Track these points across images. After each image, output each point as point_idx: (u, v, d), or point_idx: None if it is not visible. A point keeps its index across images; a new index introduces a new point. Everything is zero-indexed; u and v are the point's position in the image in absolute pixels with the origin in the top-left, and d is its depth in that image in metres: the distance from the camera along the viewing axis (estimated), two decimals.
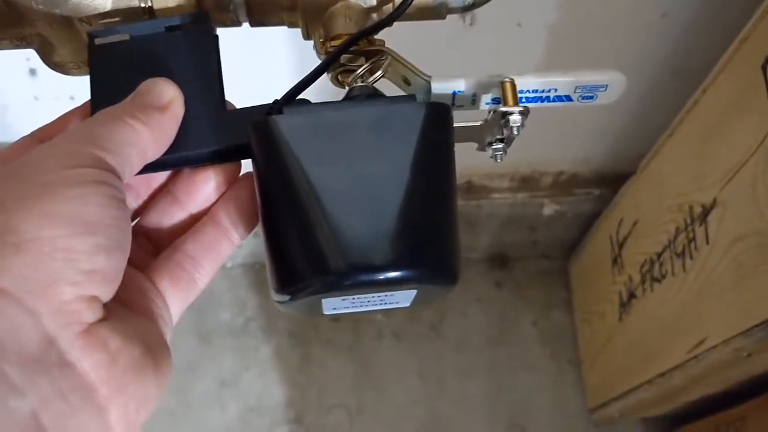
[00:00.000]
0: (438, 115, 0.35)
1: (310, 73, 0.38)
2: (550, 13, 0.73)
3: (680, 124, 0.80)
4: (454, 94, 0.46)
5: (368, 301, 0.33)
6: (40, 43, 0.50)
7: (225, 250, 0.34)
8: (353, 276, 0.30)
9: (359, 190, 0.31)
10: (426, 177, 0.32)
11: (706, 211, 0.73)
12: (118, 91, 0.33)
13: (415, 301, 0.34)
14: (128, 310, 0.30)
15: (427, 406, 1.21)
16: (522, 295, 1.29)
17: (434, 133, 0.34)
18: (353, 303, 0.32)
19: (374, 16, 0.48)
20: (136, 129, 0.30)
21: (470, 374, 1.23)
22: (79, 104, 0.89)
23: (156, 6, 0.45)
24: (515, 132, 0.39)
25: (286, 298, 0.31)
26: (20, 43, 0.50)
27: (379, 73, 0.40)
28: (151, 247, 0.35)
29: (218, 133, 0.34)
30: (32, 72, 0.80)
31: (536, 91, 0.45)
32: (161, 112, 0.32)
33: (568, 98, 0.46)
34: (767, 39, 0.63)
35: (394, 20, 0.48)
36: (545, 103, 0.46)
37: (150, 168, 0.32)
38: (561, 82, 0.45)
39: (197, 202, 0.35)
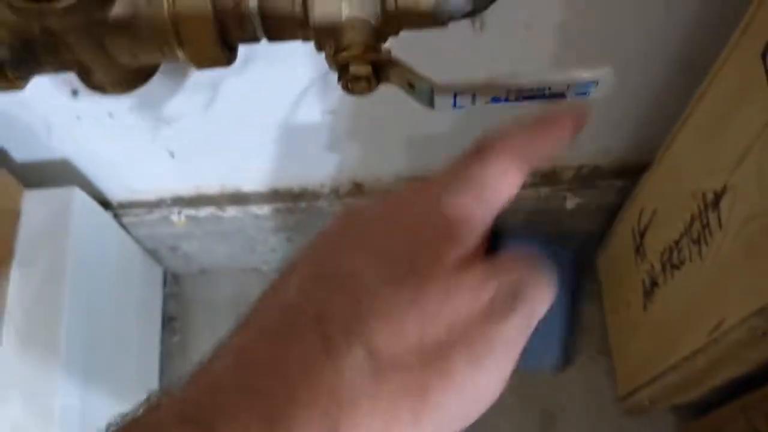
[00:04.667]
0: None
1: None
2: (558, 14, 0.75)
3: (691, 114, 0.82)
4: (455, 95, 0.49)
5: None
6: (79, 67, 0.55)
7: None
8: None
9: None
10: None
11: (718, 197, 0.75)
12: None
13: None
14: None
15: None
16: None
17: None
18: None
19: (380, 26, 0.52)
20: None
21: None
22: (118, 120, 0.93)
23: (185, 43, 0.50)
24: None
25: None
26: (62, 67, 0.55)
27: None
28: None
29: None
30: (74, 93, 0.85)
31: (532, 89, 0.49)
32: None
33: (563, 95, 0.50)
34: (765, 27, 0.65)
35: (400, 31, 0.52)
36: (542, 101, 0.50)
37: None
38: (552, 81, 0.48)
39: None
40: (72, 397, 0.91)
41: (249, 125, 0.94)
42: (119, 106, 0.89)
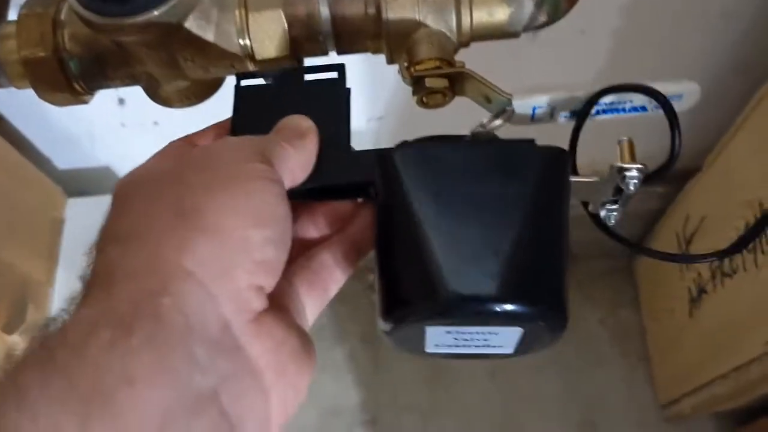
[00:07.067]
0: (556, 160, 0.36)
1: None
2: (612, 20, 0.74)
3: (746, 120, 0.81)
4: (534, 109, 0.48)
5: (472, 339, 0.33)
6: (147, 80, 0.54)
7: (354, 262, 0.37)
8: (458, 303, 0.30)
9: (473, 225, 0.32)
10: (540, 218, 0.33)
11: None
12: (257, 126, 0.36)
13: (519, 347, 0.34)
14: (280, 305, 0.32)
15: (499, 405, 1.23)
16: (588, 295, 1.31)
17: (551, 177, 0.35)
18: (456, 339, 0.33)
19: (454, 39, 0.51)
20: (287, 151, 0.34)
21: (541, 373, 1.25)
22: (163, 128, 0.93)
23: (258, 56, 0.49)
24: (631, 188, 0.40)
25: (390, 326, 0.32)
26: (130, 81, 0.54)
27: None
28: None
29: (348, 169, 0.37)
30: (121, 101, 0.85)
31: (613, 102, 0.48)
32: (302, 138, 0.35)
33: (644, 108, 0.49)
34: None
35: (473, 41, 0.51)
36: (621, 114, 0.49)
37: (293, 195, 0.34)
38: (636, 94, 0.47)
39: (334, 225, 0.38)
40: None
41: None
42: (164, 113, 0.89)
